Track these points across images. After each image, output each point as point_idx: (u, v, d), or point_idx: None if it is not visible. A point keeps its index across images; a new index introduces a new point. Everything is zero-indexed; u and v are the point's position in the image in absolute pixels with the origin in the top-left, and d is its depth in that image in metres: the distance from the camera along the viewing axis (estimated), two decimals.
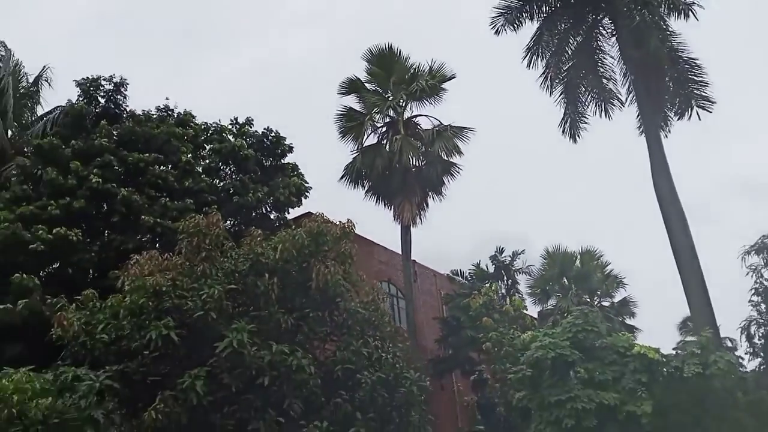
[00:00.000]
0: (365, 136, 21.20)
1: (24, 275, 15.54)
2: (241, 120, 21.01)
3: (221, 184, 20.80)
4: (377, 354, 10.15)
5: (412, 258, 21.05)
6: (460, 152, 20.85)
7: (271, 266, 9.80)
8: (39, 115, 22.77)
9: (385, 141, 21.22)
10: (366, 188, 21.22)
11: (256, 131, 20.91)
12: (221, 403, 8.88)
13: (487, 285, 13.91)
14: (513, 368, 10.71)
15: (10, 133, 21.86)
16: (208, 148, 20.87)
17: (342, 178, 21.21)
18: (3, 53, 22.12)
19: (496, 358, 12.23)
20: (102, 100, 20.00)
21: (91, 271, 17.43)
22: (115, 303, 9.77)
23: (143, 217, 17.46)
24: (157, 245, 16.59)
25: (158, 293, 9.21)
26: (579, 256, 23.84)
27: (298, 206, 20.28)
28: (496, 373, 10.93)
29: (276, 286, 9.66)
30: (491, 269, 21.39)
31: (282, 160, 21.16)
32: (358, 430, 9.17)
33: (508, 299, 17.24)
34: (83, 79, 19.81)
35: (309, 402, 9.42)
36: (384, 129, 21.41)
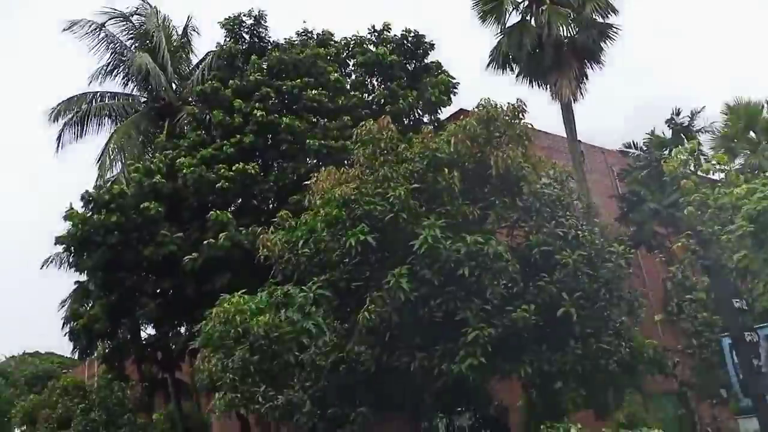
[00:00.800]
0: (507, 15, 19.79)
1: (218, 212, 16.85)
2: (378, 27, 20.61)
3: (370, 97, 20.77)
4: (573, 233, 9.68)
5: (577, 138, 19.80)
6: (615, 11, 18.86)
7: (448, 160, 9.55)
8: (194, 63, 24.05)
9: (529, 16, 19.66)
10: (516, 71, 19.98)
11: (395, 35, 20.43)
12: (426, 298, 9.01)
13: (682, 147, 12.56)
14: (725, 228, 9.71)
15: (174, 86, 23.38)
16: (351, 63, 20.82)
17: (488, 65, 20.07)
18: (148, 10, 23.31)
19: (699, 222, 11.17)
20: (246, 36, 20.58)
21: (271, 200, 18.50)
22: (310, 219, 10.14)
23: (308, 141, 17.97)
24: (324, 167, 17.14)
25: (347, 203, 9.37)
26: (766, 105, 20.96)
27: (449, 105, 19.77)
28: (705, 237, 9.98)
29: (457, 179, 9.43)
30: (668, 134, 19.57)
31: (425, 60, 20.58)
32: (567, 310, 8.90)
33: (702, 159, 15.65)
34: (225, 19, 20.41)
35: (509, 288, 9.29)
36: (526, 3, 19.81)
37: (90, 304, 20.85)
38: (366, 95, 20.34)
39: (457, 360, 8.63)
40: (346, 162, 10.31)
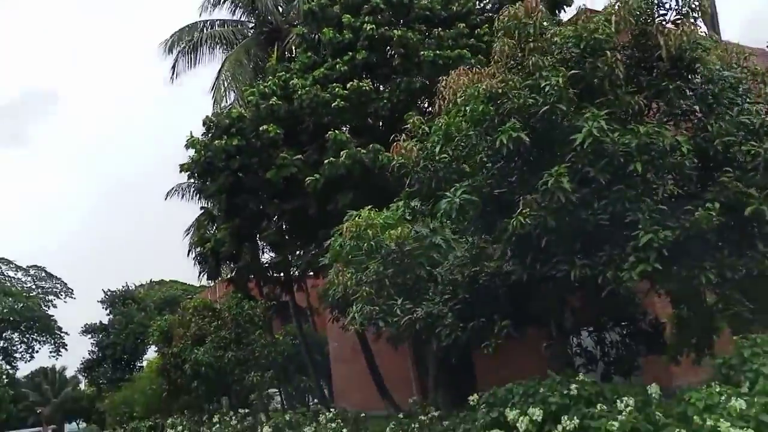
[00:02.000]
0: None
1: (336, 131, 16.27)
2: None
3: (482, 3, 19.30)
4: (759, 119, 8.16)
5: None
6: None
7: (609, 42, 8.19)
8: None
9: None
10: None
11: None
12: (589, 199, 7.93)
13: None
14: None
15: (280, 9, 22.73)
16: None
17: None
18: None
19: None
20: None
21: (386, 118, 17.69)
22: (448, 121, 9.19)
23: (421, 53, 16.88)
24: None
25: (493, 97, 8.31)
26: None
27: (570, 4, 17.94)
28: None
29: (620, 63, 8.09)
30: None
31: None
32: (756, 208, 7.54)
33: None
34: None
35: (686, 186, 8.02)
36: None
37: (215, 229, 21.33)
38: (480, 1, 18.84)
39: (627, 267, 7.57)
40: (491, 52, 9.11)
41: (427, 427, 10.51)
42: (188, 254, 29.15)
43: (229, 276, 22.10)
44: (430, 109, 16.46)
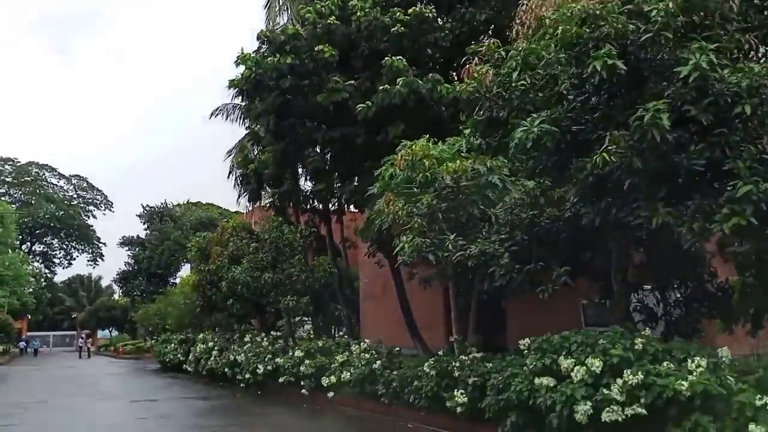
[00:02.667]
0: None
1: (393, 58, 15.41)
2: None
3: None
4: None
5: None
6: None
7: None
8: None
9: None
10: None
11: None
12: (684, 141, 7.14)
13: None
14: None
15: None
16: None
17: None
18: None
19: None
20: None
21: (447, 50, 16.72)
22: (527, 47, 8.37)
23: None
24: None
25: (589, 20, 7.44)
26: None
27: None
28: None
29: None
30: None
31: None
32: None
33: None
34: None
35: None
36: None
37: (259, 152, 20.89)
38: None
39: (719, 218, 6.84)
40: None
41: (468, 367, 10.12)
42: (228, 176, 29.01)
43: (269, 200, 21.80)
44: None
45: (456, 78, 10.94)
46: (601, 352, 7.76)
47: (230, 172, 28.87)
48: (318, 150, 19.33)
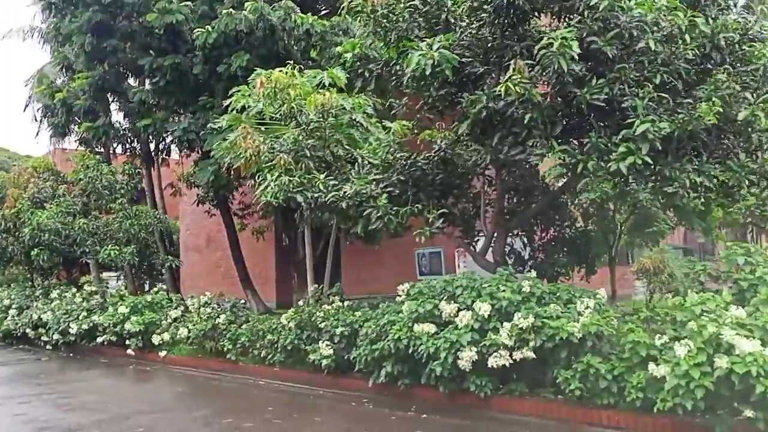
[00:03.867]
0: None
1: None
2: None
3: None
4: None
5: None
6: None
7: None
8: None
9: None
10: None
11: None
12: (583, 76, 6.70)
13: None
14: None
15: None
16: None
17: None
18: None
19: None
20: None
21: None
22: None
23: None
24: None
25: None
26: None
27: None
28: None
29: None
30: None
31: None
32: (752, 113, 6.81)
33: None
34: None
35: (688, 73, 7.03)
36: None
37: (69, 79, 17.46)
38: None
39: (615, 157, 6.56)
40: None
41: (333, 317, 9.16)
42: (25, 109, 24.37)
43: (79, 138, 18.46)
44: None
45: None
46: (489, 295, 7.26)
47: (27, 105, 24.28)
48: (144, 80, 16.65)
